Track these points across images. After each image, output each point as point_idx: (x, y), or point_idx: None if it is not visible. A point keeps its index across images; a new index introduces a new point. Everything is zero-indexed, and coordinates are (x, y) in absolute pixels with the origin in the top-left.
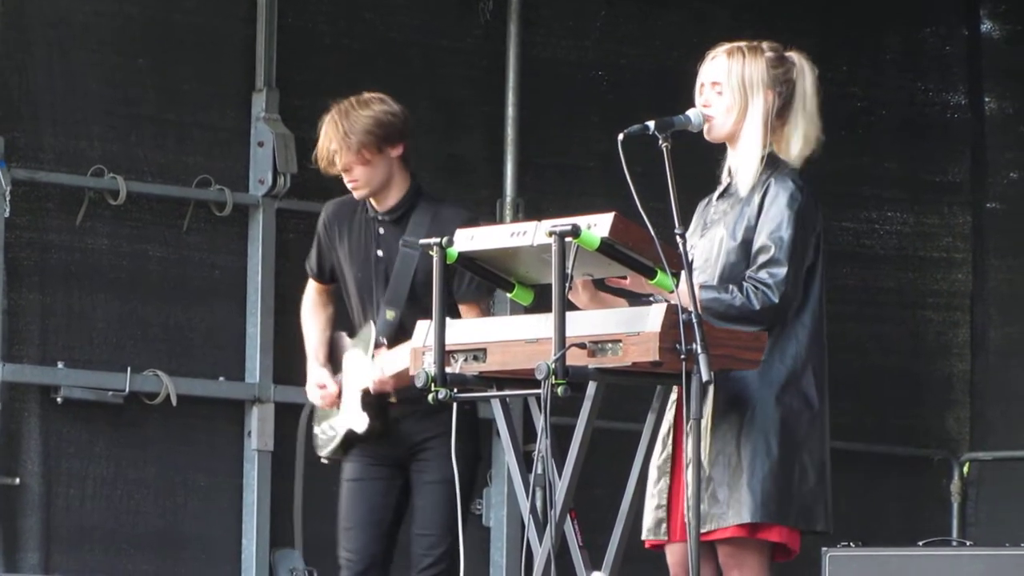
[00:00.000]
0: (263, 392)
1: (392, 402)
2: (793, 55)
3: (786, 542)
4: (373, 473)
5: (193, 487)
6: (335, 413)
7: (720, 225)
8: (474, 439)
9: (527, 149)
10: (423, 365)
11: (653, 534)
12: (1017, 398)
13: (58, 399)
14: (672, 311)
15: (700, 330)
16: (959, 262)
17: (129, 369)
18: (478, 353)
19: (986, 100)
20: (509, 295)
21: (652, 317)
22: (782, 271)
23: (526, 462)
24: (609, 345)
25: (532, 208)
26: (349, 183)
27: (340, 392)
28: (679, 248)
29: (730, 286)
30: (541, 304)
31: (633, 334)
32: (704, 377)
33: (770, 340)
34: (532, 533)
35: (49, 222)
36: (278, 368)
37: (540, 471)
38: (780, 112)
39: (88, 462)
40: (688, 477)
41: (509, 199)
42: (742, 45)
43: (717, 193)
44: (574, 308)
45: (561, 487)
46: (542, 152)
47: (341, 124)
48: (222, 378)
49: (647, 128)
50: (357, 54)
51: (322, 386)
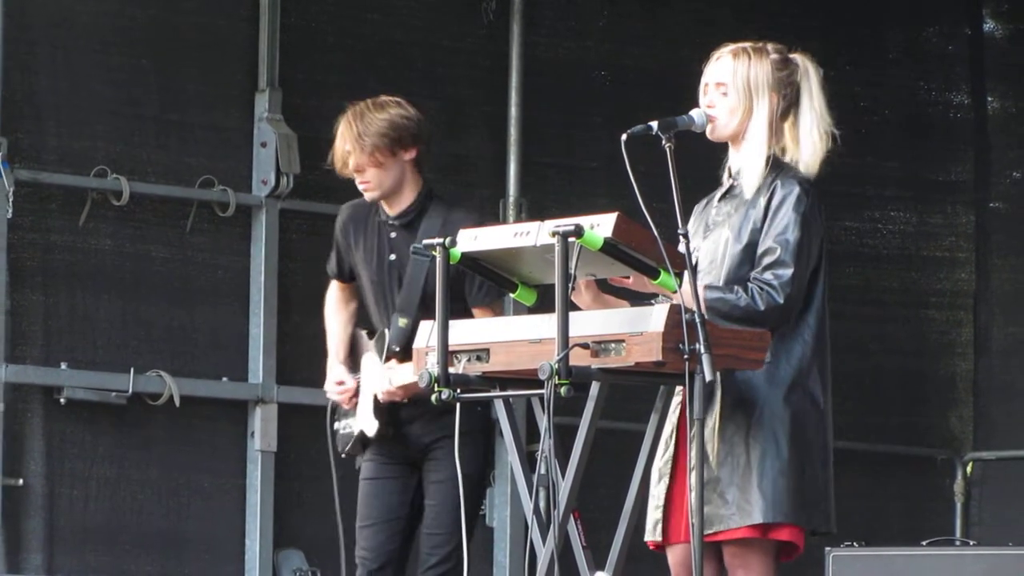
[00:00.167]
0: (266, 393)
1: (404, 403)
2: (797, 57)
3: (795, 541)
4: (389, 472)
5: (196, 488)
6: (353, 412)
7: (724, 227)
8: (486, 441)
9: (530, 149)
10: (426, 365)
11: (651, 535)
12: (1020, 397)
13: (61, 400)
14: (675, 311)
15: (703, 330)
16: (962, 261)
17: (132, 370)
18: (481, 353)
19: (989, 99)
20: (512, 295)
21: (655, 317)
22: (787, 272)
23: (529, 462)
24: (612, 345)
25: (535, 208)
26: (361, 185)
27: (358, 390)
28: (682, 248)
29: (735, 287)
30: (544, 304)
31: (636, 334)
32: (707, 377)
33: (776, 341)
34: (535, 533)
35: (52, 223)
36: (281, 369)
37: (543, 471)
38: (784, 114)
39: (91, 463)
40: (692, 479)
41: (512, 199)
42: (747, 46)
43: (719, 194)
44: (576, 309)
45: (564, 487)
46: (545, 152)
47: (355, 126)
48: (225, 379)
49: (650, 128)
50: (360, 54)
51: (340, 383)
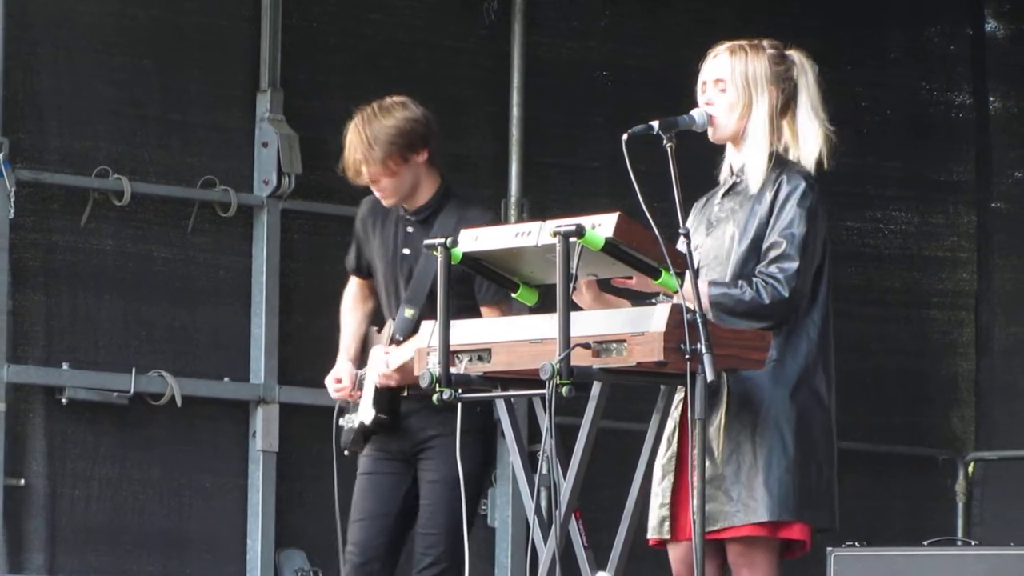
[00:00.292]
0: (268, 393)
1: (404, 396)
2: (793, 53)
3: (803, 539)
4: (384, 468)
5: (198, 488)
6: (357, 406)
7: (730, 223)
8: (485, 441)
9: (532, 149)
10: (427, 365)
11: (657, 532)
12: (1022, 397)
13: (63, 400)
14: (677, 311)
15: (705, 330)
16: (964, 261)
17: (134, 370)
18: (483, 353)
19: (990, 99)
20: (514, 295)
21: (656, 317)
22: (793, 265)
23: (531, 462)
24: (614, 345)
25: (536, 208)
26: (377, 193)
27: (360, 386)
28: (683, 247)
29: (740, 281)
30: (545, 304)
31: (638, 334)
32: (709, 377)
33: (781, 339)
34: (537, 533)
35: (54, 223)
36: (283, 369)
37: (545, 471)
38: (783, 109)
39: (93, 463)
40: (694, 478)
41: (514, 199)
42: (743, 43)
43: (721, 191)
44: (578, 309)
45: (566, 487)
46: (546, 152)
47: (364, 135)
48: (227, 379)
49: (651, 128)
50: (361, 54)
51: (338, 380)
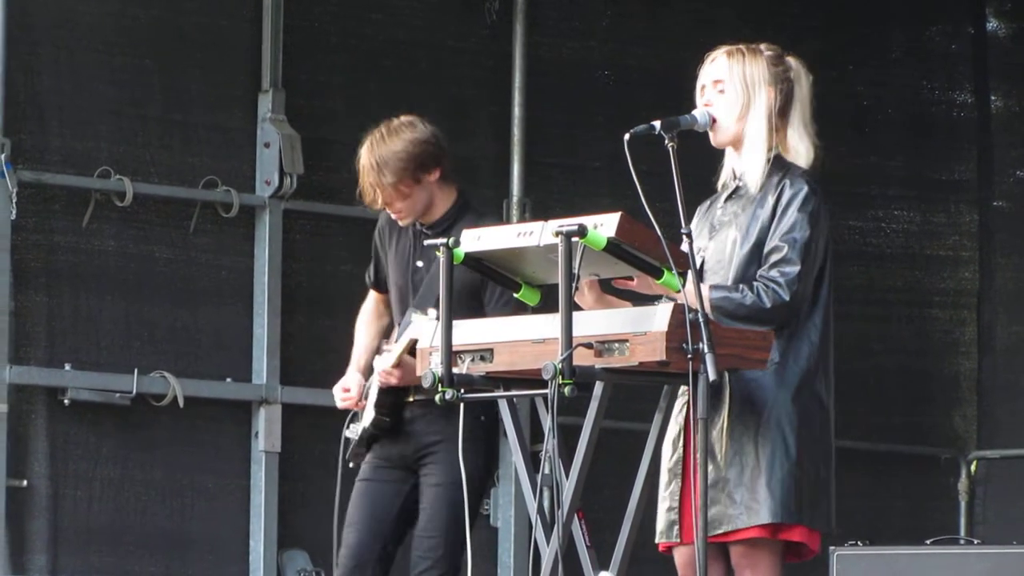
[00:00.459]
0: (270, 393)
1: (409, 401)
2: (791, 59)
3: (806, 542)
4: (383, 475)
5: (200, 488)
6: (363, 415)
7: (732, 227)
8: (487, 446)
9: (533, 149)
10: (430, 365)
11: (666, 537)
12: None
13: (65, 401)
14: (679, 311)
15: (707, 329)
16: (966, 260)
17: (136, 371)
18: (485, 353)
19: (992, 98)
20: (516, 295)
21: (659, 317)
22: (794, 269)
23: (533, 462)
24: (616, 345)
25: (538, 208)
26: (393, 215)
27: (366, 396)
28: (685, 247)
29: (741, 285)
30: (548, 304)
31: (640, 334)
32: (711, 376)
33: (784, 341)
34: (539, 533)
35: (55, 224)
36: (285, 369)
37: (547, 471)
38: (782, 111)
39: (95, 464)
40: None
41: (515, 199)
42: (741, 46)
43: (724, 195)
44: (580, 309)
45: (568, 487)
46: (548, 152)
47: (373, 161)
48: (229, 379)
49: (653, 128)
50: (363, 54)
51: (346, 389)
